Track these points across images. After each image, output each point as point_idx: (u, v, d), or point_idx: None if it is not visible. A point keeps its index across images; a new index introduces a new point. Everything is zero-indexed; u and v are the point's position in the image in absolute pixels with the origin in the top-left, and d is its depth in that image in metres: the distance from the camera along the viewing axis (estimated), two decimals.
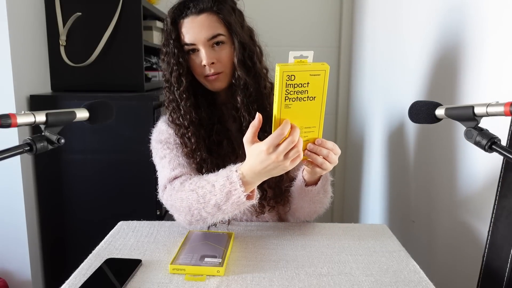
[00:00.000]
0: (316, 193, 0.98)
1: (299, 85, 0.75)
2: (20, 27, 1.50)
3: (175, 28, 1.00)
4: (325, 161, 0.85)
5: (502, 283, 0.85)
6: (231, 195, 0.84)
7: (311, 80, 0.76)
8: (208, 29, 0.98)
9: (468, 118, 0.71)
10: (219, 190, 0.85)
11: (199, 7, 0.98)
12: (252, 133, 0.80)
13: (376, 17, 1.87)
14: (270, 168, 0.79)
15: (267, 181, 1.06)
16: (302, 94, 0.76)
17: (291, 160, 0.78)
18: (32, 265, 1.60)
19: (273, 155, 0.77)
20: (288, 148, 0.77)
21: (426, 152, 1.30)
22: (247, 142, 0.81)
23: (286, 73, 0.73)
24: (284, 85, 0.74)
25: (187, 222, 0.94)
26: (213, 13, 0.99)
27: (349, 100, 2.33)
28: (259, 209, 1.07)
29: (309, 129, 0.81)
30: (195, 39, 0.99)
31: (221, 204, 0.86)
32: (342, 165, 2.42)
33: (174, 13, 1.01)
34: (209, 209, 0.88)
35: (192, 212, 0.91)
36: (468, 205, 1.06)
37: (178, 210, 0.94)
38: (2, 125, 0.65)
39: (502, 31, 0.93)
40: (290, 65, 0.74)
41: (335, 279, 0.80)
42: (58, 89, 1.69)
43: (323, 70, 0.76)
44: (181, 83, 1.01)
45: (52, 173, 1.59)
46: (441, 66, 1.19)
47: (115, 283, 0.77)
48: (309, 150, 0.83)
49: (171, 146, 1.04)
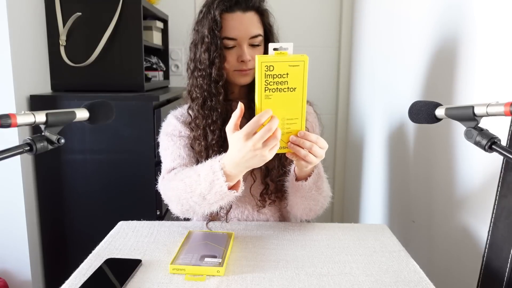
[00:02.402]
0: (307, 189, 0.98)
1: (278, 76, 0.77)
2: (20, 27, 1.50)
3: (220, 20, 1.00)
4: (308, 153, 0.84)
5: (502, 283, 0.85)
6: (214, 185, 0.85)
7: (290, 71, 0.77)
8: (252, 28, 1.01)
9: (468, 118, 0.71)
10: (203, 179, 0.87)
11: (247, 4, 1.01)
12: (233, 122, 0.80)
13: (376, 17, 1.87)
14: (248, 157, 0.78)
15: (270, 175, 1.07)
16: (282, 85, 0.78)
17: (270, 150, 0.78)
18: (32, 265, 1.60)
19: (249, 142, 0.76)
20: (265, 136, 0.76)
21: (426, 152, 1.30)
22: (229, 130, 0.81)
23: (264, 64, 0.76)
24: (264, 75, 0.76)
25: (179, 212, 0.97)
26: (258, 13, 1.03)
27: (349, 100, 2.33)
28: (259, 202, 1.08)
29: (291, 121, 0.81)
30: (238, 35, 1.00)
31: (205, 193, 0.87)
32: (342, 165, 2.42)
33: (221, 5, 1.01)
34: (195, 198, 0.90)
35: (181, 202, 0.93)
36: (468, 205, 1.06)
37: (170, 199, 0.97)
38: (2, 125, 0.65)
39: (502, 31, 0.93)
40: (270, 57, 0.76)
41: (335, 279, 0.80)
42: (58, 89, 1.70)
43: (302, 61, 0.77)
44: (221, 76, 1.02)
45: (52, 173, 1.59)
46: (441, 66, 1.19)
47: (115, 283, 0.77)
48: (292, 142, 0.83)
49: (175, 139, 1.08)
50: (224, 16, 1.01)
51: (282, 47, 0.78)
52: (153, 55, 2.07)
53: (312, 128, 1.14)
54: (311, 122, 1.14)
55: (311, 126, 1.14)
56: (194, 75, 1.06)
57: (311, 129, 1.13)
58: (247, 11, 1.01)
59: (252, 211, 1.11)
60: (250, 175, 1.09)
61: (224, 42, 1.01)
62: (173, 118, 1.11)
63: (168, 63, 2.22)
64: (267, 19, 1.04)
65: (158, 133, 1.14)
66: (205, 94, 1.04)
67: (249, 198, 1.10)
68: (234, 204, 1.11)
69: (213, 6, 1.01)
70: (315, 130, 1.15)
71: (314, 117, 1.16)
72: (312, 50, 2.35)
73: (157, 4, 2.03)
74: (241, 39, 1.01)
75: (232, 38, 1.01)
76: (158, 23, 2.00)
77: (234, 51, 1.02)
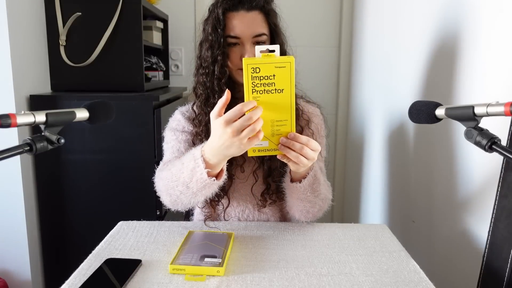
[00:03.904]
0: (302, 191, 0.97)
1: (265, 78, 0.78)
2: (20, 27, 1.50)
3: (224, 19, 1.02)
4: (299, 155, 0.83)
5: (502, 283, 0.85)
6: (195, 172, 0.86)
7: (277, 73, 0.78)
8: (255, 26, 1.02)
9: (468, 118, 0.71)
10: (186, 167, 0.88)
11: (252, 4, 1.02)
12: (218, 108, 0.80)
13: (376, 17, 1.87)
14: (227, 145, 0.78)
15: (272, 175, 1.07)
16: (269, 87, 0.79)
17: (248, 140, 0.77)
18: (32, 265, 1.60)
19: (228, 128, 0.76)
20: (244, 125, 0.76)
21: (426, 152, 1.30)
22: (212, 116, 0.81)
23: (250, 66, 0.77)
24: (250, 77, 0.78)
25: (168, 203, 0.97)
26: (262, 13, 1.03)
27: (349, 100, 2.33)
28: (260, 202, 1.09)
29: (281, 123, 0.82)
30: (241, 33, 1.01)
31: (188, 181, 0.88)
32: (342, 165, 2.42)
33: (225, 4, 1.02)
34: (180, 187, 0.90)
35: (169, 192, 0.94)
36: (468, 205, 1.06)
37: (160, 190, 0.98)
38: (2, 125, 0.65)
39: (502, 31, 0.93)
40: (256, 59, 0.78)
41: (335, 279, 0.80)
42: (58, 89, 1.69)
43: (288, 62, 0.78)
44: (223, 73, 1.03)
45: (52, 173, 1.59)
46: (441, 66, 1.19)
47: (115, 283, 0.77)
48: (282, 144, 0.83)
49: (177, 133, 1.10)
50: (228, 15, 1.02)
51: (269, 49, 0.79)
52: (153, 55, 2.07)
53: (318, 130, 1.13)
54: (317, 124, 1.14)
55: (316, 128, 1.13)
56: (199, 73, 1.08)
57: (317, 131, 1.13)
58: (251, 10, 1.02)
59: (253, 210, 1.11)
60: (252, 174, 1.09)
61: (228, 41, 1.02)
62: (179, 114, 1.14)
63: (168, 63, 2.22)
64: (272, 19, 1.04)
65: (158, 133, 1.15)
66: (208, 91, 1.05)
67: (250, 198, 1.11)
68: (235, 202, 1.11)
69: (217, 5, 1.02)
70: (320, 132, 1.14)
71: (320, 119, 1.16)
72: (312, 50, 2.35)
73: (157, 4, 2.03)
74: (244, 38, 1.01)
75: (235, 36, 1.01)
76: (158, 23, 2.00)
77: (238, 50, 1.03)
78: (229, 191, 1.10)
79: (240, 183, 1.11)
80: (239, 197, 1.11)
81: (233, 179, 1.09)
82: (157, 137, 1.54)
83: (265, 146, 0.83)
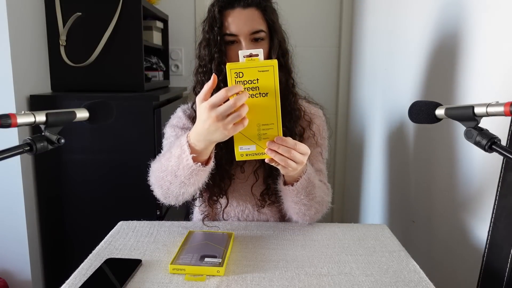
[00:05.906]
0: (295, 194, 0.97)
1: (248, 82, 0.78)
2: (20, 27, 1.50)
3: (220, 17, 1.02)
4: (286, 159, 0.83)
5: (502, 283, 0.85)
6: (182, 159, 0.86)
7: (260, 76, 0.78)
8: (252, 23, 1.01)
9: (468, 118, 0.71)
10: (173, 155, 0.88)
11: (248, 0, 1.01)
12: (204, 92, 0.80)
13: (376, 17, 1.87)
14: (211, 130, 0.78)
15: (272, 175, 1.07)
16: (253, 91, 0.79)
17: (232, 126, 0.77)
18: (32, 265, 1.60)
19: (212, 113, 0.76)
20: (228, 110, 0.76)
21: (426, 152, 1.30)
22: (198, 100, 0.80)
23: (234, 70, 0.78)
24: (234, 82, 0.78)
25: (160, 195, 0.97)
26: (259, 9, 1.03)
27: (349, 100, 2.33)
28: (259, 202, 1.09)
29: (267, 126, 0.81)
30: (238, 31, 1.01)
31: (175, 169, 0.88)
32: (342, 165, 2.42)
33: (221, 2, 1.02)
34: (169, 177, 0.90)
35: (160, 183, 0.94)
36: (468, 205, 1.06)
37: (153, 184, 0.99)
38: (2, 125, 0.65)
39: (502, 31, 0.93)
40: (239, 64, 0.78)
41: (335, 279, 0.80)
42: (58, 89, 1.70)
43: (271, 65, 0.78)
44: (220, 71, 1.02)
45: (52, 173, 1.59)
46: (441, 66, 1.20)
47: (115, 283, 0.77)
48: (269, 147, 0.82)
49: (177, 130, 1.11)
50: (225, 13, 1.02)
51: (252, 54, 0.79)
52: (153, 55, 2.07)
53: (319, 131, 1.13)
54: (318, 125, 1.14)
55: (318, 130, 1.13)
56: (198, 72, 1.08)
57: (318, 132, 1.13)
58: (247, 7, 1.01)
59: (253, 210, 1.11)
60: (253, 173, 1.09)
61: (226, 39, 1.02)
62: (180, 111, 1.15)
63: (168, 63, 2.22)
64: (269, 15, 1.04)
65: (158, 133, 1.15)
66: None
67: (250, 197, 1.11)
68: (235, 202, 1.11)
69: (214, 4, 1.03)
70: (322, 133, 1.14)
71: (322, 120, 1.16)
72: (312, 50, 2.35)
73: (157, 4, 2.03)
74: (241, 35, 1.01)
75: (232, 34, 1.01)
76: (158, 23, 2.00)
77: (236, 48, 1.02)
78: (228, 191, 1.10)
79: (240, 183, 1.11)
80: (239, 197, 1.11)
81: (233, 179, 1.09)
82: (157, 137, 1.54)
83: (253, 150, 0.83)
